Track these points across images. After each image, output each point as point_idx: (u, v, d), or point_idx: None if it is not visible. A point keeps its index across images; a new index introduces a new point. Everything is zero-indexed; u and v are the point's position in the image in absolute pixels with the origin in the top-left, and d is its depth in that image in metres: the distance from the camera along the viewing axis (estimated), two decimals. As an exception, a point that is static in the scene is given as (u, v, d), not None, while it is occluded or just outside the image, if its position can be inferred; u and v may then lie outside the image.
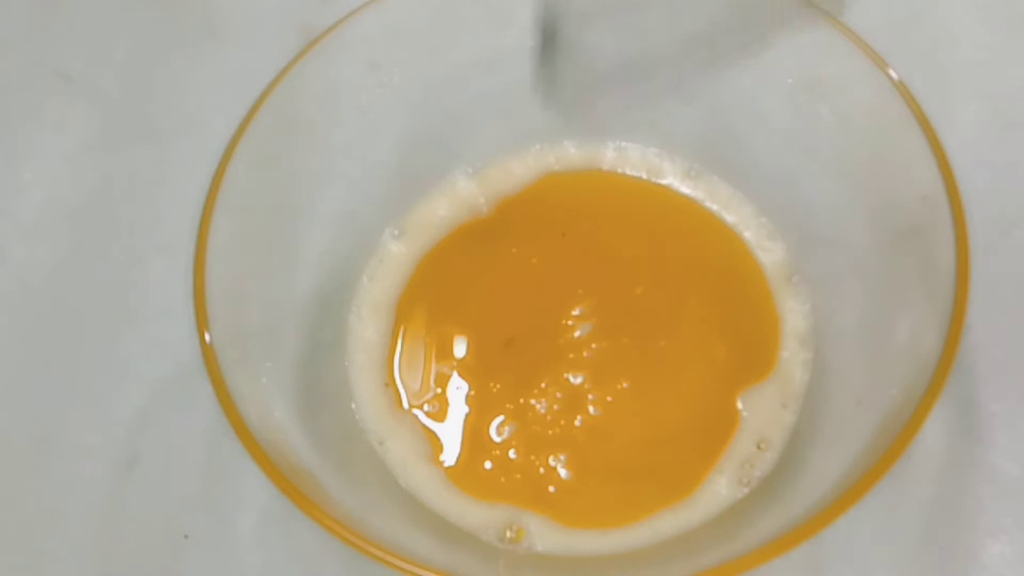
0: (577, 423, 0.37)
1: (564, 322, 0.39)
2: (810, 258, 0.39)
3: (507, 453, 0.37)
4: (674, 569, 0.33)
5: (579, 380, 0.38)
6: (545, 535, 0.35)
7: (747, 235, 0.41)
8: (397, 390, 0.38)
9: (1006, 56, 0.46)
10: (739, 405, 0.37)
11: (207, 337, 0.30)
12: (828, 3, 0.27)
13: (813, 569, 0.35)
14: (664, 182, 0.43)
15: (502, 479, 0.36)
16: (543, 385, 0.38)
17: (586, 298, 0.40)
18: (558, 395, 0.37)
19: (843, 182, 0.37)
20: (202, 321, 0.30)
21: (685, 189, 0.43)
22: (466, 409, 0.38)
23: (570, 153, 0.44)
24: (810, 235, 0.39)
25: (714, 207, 0.42)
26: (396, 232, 0.42)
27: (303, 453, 0.32)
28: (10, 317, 0.43)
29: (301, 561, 0.36)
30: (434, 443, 0.37)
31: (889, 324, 0.34)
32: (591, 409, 0.37)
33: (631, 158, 0.43)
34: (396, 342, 0.40)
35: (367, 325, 0.40)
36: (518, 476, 0.36)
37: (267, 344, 0.35)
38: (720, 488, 0.35)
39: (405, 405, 0.38)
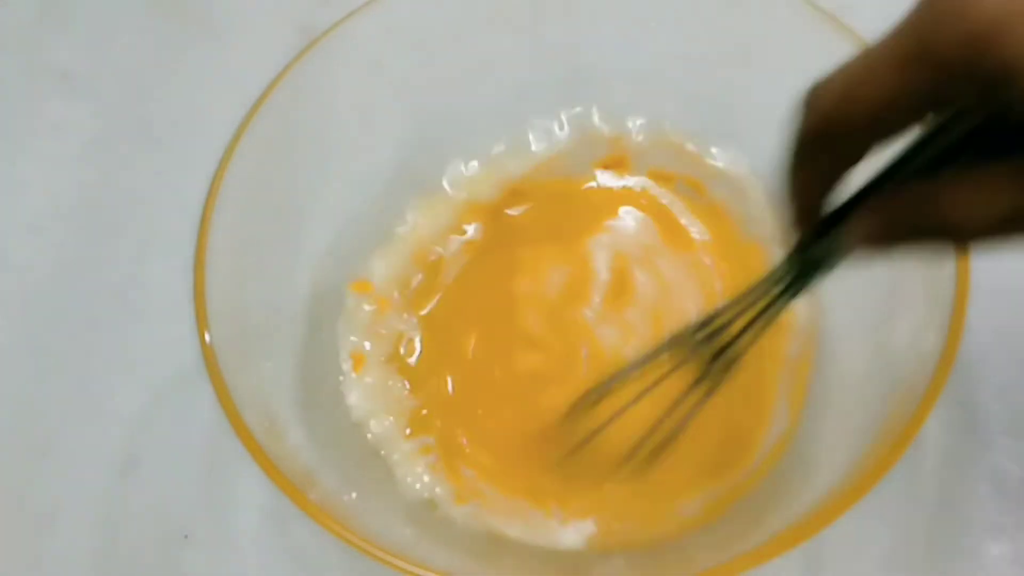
0: (580, 424, 0.37)
1: (562, 322, 0.39)
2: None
3: (505, 453, 0.37)
4: (674, 569, 0.33)
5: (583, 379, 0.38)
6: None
7: (752, 230, 0.41)
8: (397, 389, 0.38)
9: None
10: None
11: (207, 337, 0.30)
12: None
13: (813, 569, 0.35)
14: (664, 183, 0.43)
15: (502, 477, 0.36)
16: (541, 383, 0.38)
17: (586, 300, 0.40)
18: (558, 392, 0.37)
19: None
20: (202, 321, 0.30)
21: (686, 189, 0.43)
22: (467, 408, 0.38)
23: (570, 153, 0.44)
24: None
25: (717, 206, 0.42)
26: (396, 232, 0.42)
27: (303, 453, 0.32)
28: (10, 317, 0.43)
29: (301, 561, 0.36)
30: (435, 442, 0.37)
31: (890, 324, 0.34)
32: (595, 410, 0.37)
33: (630, 159, 0.43)
34: (396, 342, 0.39)
35: (367, 325, 0.40)
36: (516, 473, 0.36)
37: (267, 344, 0.35)
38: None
39: (405, 404, 0.38)
